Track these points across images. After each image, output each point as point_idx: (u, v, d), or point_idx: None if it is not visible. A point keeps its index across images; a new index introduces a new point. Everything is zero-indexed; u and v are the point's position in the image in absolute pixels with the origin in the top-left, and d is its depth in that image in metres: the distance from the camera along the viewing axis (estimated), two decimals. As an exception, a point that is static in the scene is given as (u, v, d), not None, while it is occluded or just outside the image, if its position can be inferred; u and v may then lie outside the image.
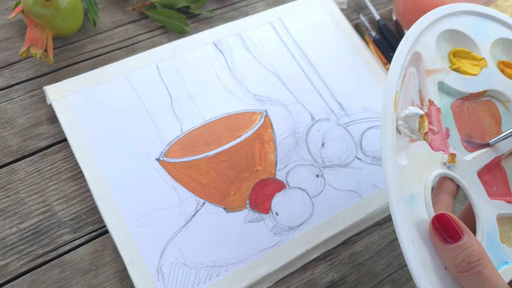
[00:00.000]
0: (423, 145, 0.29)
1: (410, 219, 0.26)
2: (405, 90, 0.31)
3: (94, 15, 0.44)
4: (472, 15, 0.36)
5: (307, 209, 0.39)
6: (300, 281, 0.38)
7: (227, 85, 0.44)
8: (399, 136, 0.29)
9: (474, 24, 0.36)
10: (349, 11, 0.52)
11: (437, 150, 0.30)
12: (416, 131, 0.29)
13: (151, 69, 0.43)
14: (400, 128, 0.29)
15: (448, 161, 0.30)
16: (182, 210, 0.37)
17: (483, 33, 0.36)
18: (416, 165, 0.28)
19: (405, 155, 0.29)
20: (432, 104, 0.31)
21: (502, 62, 0.36)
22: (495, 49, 0.36)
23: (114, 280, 0.35)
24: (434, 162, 0.29)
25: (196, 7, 0.48)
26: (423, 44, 0.32)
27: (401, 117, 0.29)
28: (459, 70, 0.34)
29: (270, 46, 0.47)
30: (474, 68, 0.34)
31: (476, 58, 0.35)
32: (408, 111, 0.29)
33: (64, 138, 0.39)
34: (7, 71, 0.41)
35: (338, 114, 0.44)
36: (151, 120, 0.40)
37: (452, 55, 0.35)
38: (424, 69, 0.32)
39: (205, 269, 0.35)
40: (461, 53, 0.35)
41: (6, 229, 0.35)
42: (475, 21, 0.36)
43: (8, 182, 0.37)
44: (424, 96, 0.31)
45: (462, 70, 0.34)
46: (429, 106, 0.31)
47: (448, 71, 0.33)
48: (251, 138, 0.41)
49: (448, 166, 0.30)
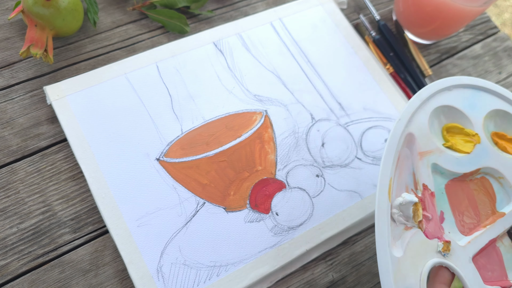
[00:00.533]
0: (418, 233, 0.29)
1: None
2: (399, 174, 0.31)
3: (94, 15, 0.44)
4: (464, 88, 0.36)
5: (307, 209, 0.39)
6: (300, 281, 0.38)
7: (227, 85, 0.44)
8: (394, 225, 0.29)
9: (467, 97, 0.36)
10: (349, 11, 0.52)
11: (431, 237, 0.30)
12: (410, 218, 0.29)
13: (151, 69, 0.43)
14: (395, 216, 0.29)
15: (443, 249, 0.30)
16: (182, 210, 0.37)
17: (476, 106, 0.36)
18: (411, 256, 0.28)
19: (400, 245, 0.29)
20: (426, 189, 0.32)
21: (495, 133, 0.36)
22: (488, 122, 0.36)
23: (114, 280, 0.35)
24: (429, 251, 0.29)
25: (196, 7, 0.48)
26: (416, 125, 0.33)
27: (395, 205, 0.29)
28: (452, 148, 0.34)
29: (270, 46, 0.47)
30: (467, 145, 0.35)
31: (469, 134, 0.35)
32: (402, 199, 0.29)
33: (64, 138, 0.39)
34: (7, 71, 0.41)
35: (338, 114, 0.44)
36: (151, 120, 0.40)
37: (446, 131, 0.35)
38: (417, 151, 0.32)
39: (205, 269, 0.35)
40: (454, 129, 0.35)
41: (6, 229, 0.35)
42: (467, 94, 0.36)
43: (8, 182, 0.37)
44: (418, 179, 0.32)
45: (455, 148, 0.34)
46: (423, 191, 0.31)
47: (441, 151, 0.33)
48: (251, 138, 0.41)
49: (443, 254, 0.30)
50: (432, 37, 0.52)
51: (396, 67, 0.49)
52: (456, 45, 0.54)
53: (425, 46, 0.53)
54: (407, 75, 0.49)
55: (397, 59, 0.50)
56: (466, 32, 0.55)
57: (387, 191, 0.29)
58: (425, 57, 0.52)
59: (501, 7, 1.55)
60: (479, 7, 0.44)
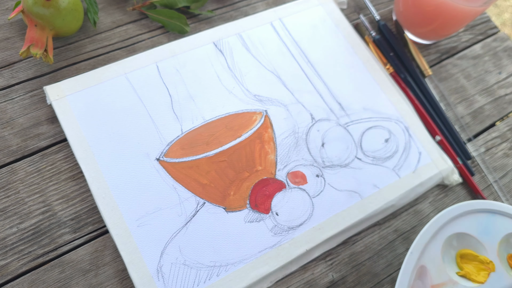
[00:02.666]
0: None
1: None
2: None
3: (94, 15, 0.44)
4: (478, 212, 0.35)
5: (307, 209, 0.39)
6: (300, 281, 0.38)
7: (227, 85, 0.44)
8: None
9: (481, 222, 0.35)
10: (349, 11, 0.52)
11: None
12: None
13: (151, 69, 0.43)
14: None
15: None
16: (182, 210, 0.37)
17: (491, 231, 0.35)
18: None
19: None
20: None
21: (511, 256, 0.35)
22: (503, 245, 0.35)
23: (114, 280, 0.35)
24: None
25: (196, 7, 0.48)
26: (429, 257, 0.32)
27: None
28: (466, 277, 0.33)
29: (270, 46, 0.47)
30: (481, 274, 0.34)
31: (484, 261, 0.34)
32: None
33: (64, 138, 0.39)
34: (7, 71, 0.41)
35: (338, 114, 0.44)
36: (151, 120, 0.40)
37: (460, 257, 0.34)
38: (430, 284, 0.31)
39: (205, 269, 0.35)
40: (468, 256, 0.35)
41: (6, 229, 0.35)
42: (481, 219, 0.35)
43: (8, 182, 0.37)
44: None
45: (469, 277, 0.33)
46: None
47: (454, 283, 0.32)
48: (251, 138, 0.41)
49: None
50: (432, 37, 0.52)
51: (396, 67, 0.49)
52: (456, 45, 0.54)
53: (425, 46, 0.53)
54: (407, 75, 0.49)
55: (397, 59, 0.50)
56: (466, 32, 0.55)
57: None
58: (425, 57, 0.52)
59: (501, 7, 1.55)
60: (479, 7, 0.44)
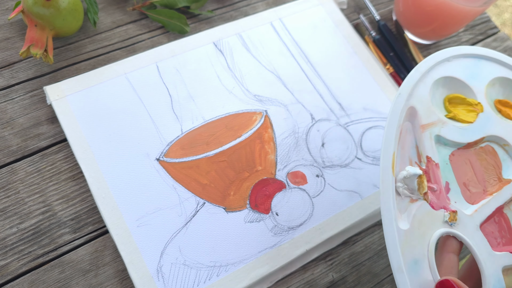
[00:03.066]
0: (424, 205, 0.29)
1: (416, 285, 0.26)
2: (402, 148, 0.31)
3: (94, 15, 0.44)
4: (464, 57, 0.35)
5: (307, 209, 0.39)
6: (300, 281, 0.38)
7: (227, 85, 0.44)
8: (399, 198, 0.29)
9: (468, 66, 0.35)
10: (349, 11, 0.52)
11: (438, 208, 0.30)
12: (415, 191, 0.29)
13: (151, 69, 0.43)
14: (400, 190, 0.29)
15: (449, 219, 0.29)
16: (182, 210, 0.37)
17: (478, 75, 0.35)
18: (418, 228, 0.28)
19: (406, 217, 0.29)
20: (430, 161, 0.31)
21: (499, 101, 0.36)
22: (490, 90, 0.36)
23: (114, 280, 0.35)
24: (436, 221, 0.29)
25: (196, 7, 0.48)
26: (417, 98, 0.32)
27: (399, 178, 0.29)
28: (455, 119, 0.34)
29: (270, 46, 0.47)
30: (470, 114, 0.34)
31: (472, 103, 0.34)
32: (406, 172, 0.29)
33: (64, 138, 0.39)
34: (7, 71, 0.41)
35: (338, 114, 0.44)
36: (151, 120, 0.40)
37: (448, 102, 0.35)
38: (419, 124, 0.32)
39: (205, 269, 0.35)
40: (456, 99, 0.35)
41: (6, 229, 0.35)
42: (468, 64, 0.35)
43: (8, 182, 0.37)
44: (421, 152, 0.31)
45: (458, 118, 0.34)
46: (427, 163, 0.31)
47: (444, 123, 0.33)
48: (251, 138, 0.41)
49: (450, 224, 0.30)
50: (432, 37, 0.52)
51: (396, 67, 0.49)
52: (456, 45, 0.54)
53: (425, 46, 0.53)
54: (407, 75, 0.49)
55: (397, 59, 0.50)
56: (466, 32, 0.55)
57: (390, 166, 0.29)
58: (425, 57, 0.52)
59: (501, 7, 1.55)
60: (479, 7, 0.44)
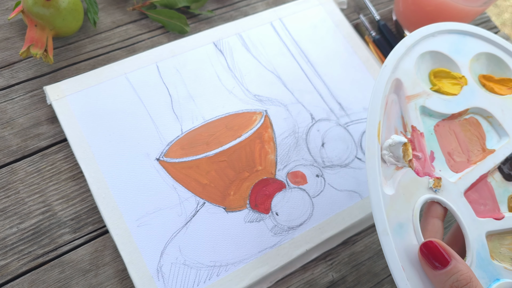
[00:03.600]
0: (409, 172, 0.30)
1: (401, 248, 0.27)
2: (387, 118, 0.31)
3: (94, 15, 0.44)
4: (449, 33, 0.36)
5: (307, 209, 0.39)
6: (300, 281, 0.38)
7: (227, 85, 0.44)
8: (385, 165, 0.30)
9: (452, 42, 0.36)
10: (349, 11, 0.52)
11: (422, 175, 0.30)
12: (401, 158, 0.30)
13: (151, 69, 0.43)
14: (385, 157, 0.30)
15: (434, 185, 0.30)
16: (182, 210, 0.37)
17: (462, 50, 0.36)
18: (403, 193, 0.29)
19: (391, 184, 0.29)
20: (415, 130, 0.32)
21: (483, 76, 0.36)
22: (475, 65, 0.36)
23: (114, 280, 0.35)
24: (420, 187, 0.30)
25: (196, 7, 0.48)
26: (403, 70, 0.33)
27: (385, 146, 0.30)
28: (440, 91, 0.34)
29: (270, 46, 0.47)
30: (454, 87, 0.35)
31: (456, 77, 0.35)
32: (392, 140, 0.29)
33: (64, 138, 0.39)
34: (7, 71, 0.41)
35: (338, 114, 0.44)
36: (151, 120, 0.40)
37: (433, 76, 0.35)
38: (405, 95, 0.32)
39: (205, 269, 0.35)
40: (441, 73, 0.35)
41: (6, 229, 0.35)
42: (453, 39, 0.36)
43: (8, 182, 0.37)
44: (406, 122, 0.32)
45: (443, 91, 0.34)
46: (412, 132, 0.32)
47: (429, 94, 0.33)
48: (251, 138, 0.41)
49: (434, 190, 0.30)
50: (432, 37, 0.52)
51: (396, 67, 0.49)
52: (456, 45, 0.54)
53: (425, 46, 0.53)
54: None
55: (397, 59, 0.50)
56: (466, 32, 0.55)
57: (376, 134, 0.29)
58: (425, 57, 0.52)
59: (501, 7, 1.55)
60: (479, 7, 0.44)
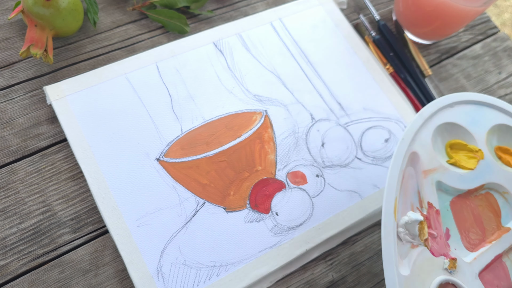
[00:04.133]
0: (424, 251, 0.30)
1: None
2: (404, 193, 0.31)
3: (94, 15, 0.44)
4: (466, 104, 0.36)
5: (307, 209, 0.39)
6: (300, 281, 0.38)
7: (227, 85, 0.44)
8: (400, 243, 0.29)
9: (469, 113, 0.36)
10: (349, 11, 0.52)
11: (438, 255, 0.30)
12: (416, 237, 0.30)
13: (151, 69, 0.43)
14: (401, 235, 0.29)
15: (449, 267, 0.30)
16: (182, 210, 0.37)
17: (479, 122, 0.36)
18: (418, 274, 0.29)
19: (406, 263, 0.29)
20: (431, 207, 0.32)
21: (499, 148, 0.36)
22: (491, 137, 0.36)
23: (114, 280, 0.35)
24: (436, 268, 0.30)
25: (196, 7, 0.48)
26: (420, 143, 0.33)
27: (401, 224, 0.30)
28: (456, 165, 0.34)
29: (270, 46, 0.47)
30: (471, 161, 0.35)
31: (473, 150, 0.35)
32: (408, 218, 0.29)
33: (64, 138, 0.39)
34: (7, 71, 0.41)
35: (338, 114, 0.44)
36: (151, 120, 0.40)
37: (449, 148, 0.35)
38: (421, 170, 0.32)
39: (205, 269, 0.35)
40: (457, 145, 0.35)
41: (6, 229, 0.35)
42: (470, 110, 0.36)
43: (8, 182, 0.37)
44: (423, 198, 0.32)
45: (459, 164, 0.34)
46: (428, 209, 0.31)
47: (445, 169, 0.33)
48: (251, 138, 0.41)
49: (449, 271, 0.30)
50: (432, 37, 0.52)
51: (396, 67, 0.49)
52: (456, 45, 0.54)
53: (425, 46, 0.53)
54: (407, 75, 0.49)
55: (397, 59, 0.50)
56: (466, 32, 0.55)
57: (392, 211, 0.29)
58: (425, 57, 0.52)
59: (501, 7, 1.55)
60: (479, 7, 0.44)
